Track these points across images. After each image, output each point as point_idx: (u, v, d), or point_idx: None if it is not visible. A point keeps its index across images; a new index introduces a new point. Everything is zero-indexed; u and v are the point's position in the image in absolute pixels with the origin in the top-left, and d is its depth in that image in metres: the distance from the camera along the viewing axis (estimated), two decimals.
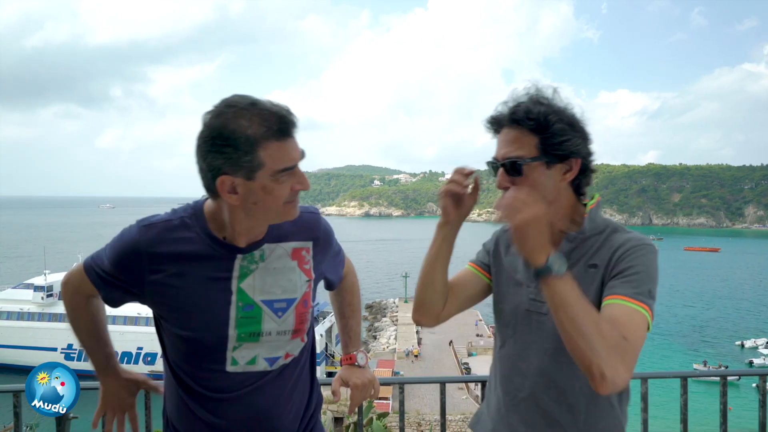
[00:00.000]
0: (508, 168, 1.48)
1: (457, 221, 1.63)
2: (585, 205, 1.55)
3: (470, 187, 1.59)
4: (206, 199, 1.46)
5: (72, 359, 34.78)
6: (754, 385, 33.65)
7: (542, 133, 1.45)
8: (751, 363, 39.75)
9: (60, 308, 37.39)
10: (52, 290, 38.20)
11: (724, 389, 2.37)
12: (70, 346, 35.81)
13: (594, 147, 1.52)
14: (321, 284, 1.71)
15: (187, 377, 1.50)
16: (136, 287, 1.44)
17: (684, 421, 2.32)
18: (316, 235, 1.59)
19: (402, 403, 2.10)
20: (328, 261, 1.67)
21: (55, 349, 36.01)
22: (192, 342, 1.45)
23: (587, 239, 1.50)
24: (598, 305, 1.40)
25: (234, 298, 1.44)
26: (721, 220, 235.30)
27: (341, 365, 1.89)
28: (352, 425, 6.57)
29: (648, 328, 1.35)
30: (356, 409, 1.83)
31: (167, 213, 1.48)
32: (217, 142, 1.28)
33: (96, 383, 1.72)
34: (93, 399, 1.77)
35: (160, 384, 1.67)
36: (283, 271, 1.51)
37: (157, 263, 1.41)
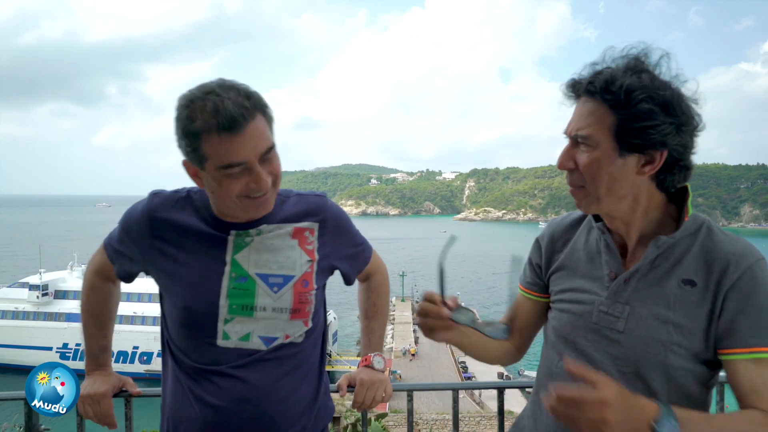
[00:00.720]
0: (573, 146, 1.24)
1: (456, 332, 1.32)
2: (674, 202, 1.30)
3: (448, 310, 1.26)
4: None
5: (67, 358, 34.71)
6: None
7: (622, 113, 1.16)
8: None
9: (55, 307, 37.47)
10: (47, 289, 38.01)
11: None
12: (65, 345, 35.72)
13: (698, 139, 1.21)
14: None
15: (180, 352, 1.49)
16: (140, 253, 1.49)
17: None
18: (323, 217, 1.56)
19: (411, 412, 1.97)
20: (341, 249, 1.61)
21: (50, 348, 35.90)
22: (185, 311, 1.45)
23: (676, 243, 1.24)
24: (694, 327, 1.19)
25: (228, 269, 1.45)
26: (717, 219, 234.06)
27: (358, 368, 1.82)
28: (350, 426, 6.53)
29: None
30: (358, 409, 1.75)
31: (181, 188, 1.54)
32: (175, 129, 1.33)
33: None
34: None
35: (138, 388, 1.74)
36: (282, 248, 1.48)
37: (159, 229, 1.46)
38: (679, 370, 1.20)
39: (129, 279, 1.59)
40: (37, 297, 37.92)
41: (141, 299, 34.63)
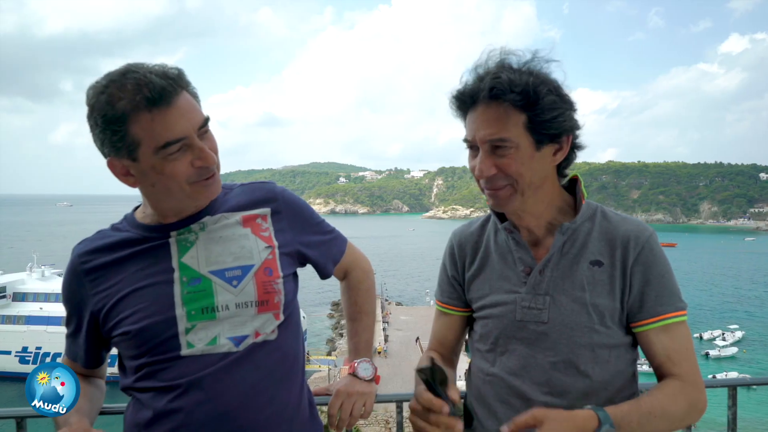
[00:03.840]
0: (491, 153, 1.27)
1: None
2: (566, 187, 1.40)
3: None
4: None
5: (27, 362, 33.65)
6: None
7: (531, 110, 1.22)
8: (707, 354, 41.08)
9: (14, 310, 36.26)
10: (5, 291, 36.75)
11: None
12: (25, 349, 34.63)
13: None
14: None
15: (146, 380, 1.32)
16: (88, 311, 1.38)
17: None
18: (273, 202, 1.46)
19: (401, 426, 1.81)
20: (304, 235, 1.49)
21: (9, 353, 34.78)
22: (142, 335, 1.31)
23: (578, 228, 1.33)
24: (609, 305, 1.28)
25: (177, 275, 1.33)
26: (677, 216, 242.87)
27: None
28: None
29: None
30: (331, 425, 1.56)
31: (102, 228, 1.45)
32: (90, 122, 1.20)
33: None
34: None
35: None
36: (233, 238, 1.37)
37: (93, 274, 1.36)
38: (604, 348, 1.29)
39: (98, 359, 1.47)
40: None
41: (48, 299, 35.06)
